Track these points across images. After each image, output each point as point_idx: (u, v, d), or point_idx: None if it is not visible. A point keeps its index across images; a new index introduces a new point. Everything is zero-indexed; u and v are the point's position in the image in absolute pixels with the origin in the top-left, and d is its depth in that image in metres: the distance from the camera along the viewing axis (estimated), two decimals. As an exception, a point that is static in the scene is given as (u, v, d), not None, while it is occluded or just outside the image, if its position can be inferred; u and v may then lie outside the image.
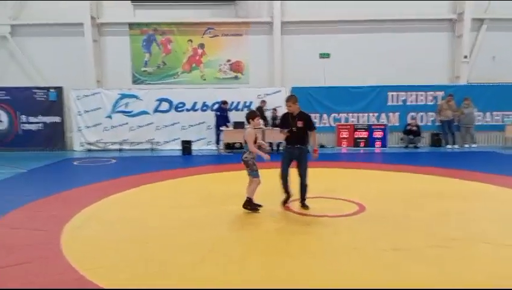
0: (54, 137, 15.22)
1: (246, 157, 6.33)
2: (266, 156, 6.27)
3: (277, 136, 13.31)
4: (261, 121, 6.51)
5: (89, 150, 14.92)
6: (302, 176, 6.42)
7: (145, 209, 6.81)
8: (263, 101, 14.37)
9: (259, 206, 6.41)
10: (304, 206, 6.49)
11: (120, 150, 14.88)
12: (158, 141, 15.12)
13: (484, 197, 7.40)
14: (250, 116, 6.48)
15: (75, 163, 12.13)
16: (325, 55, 15.56)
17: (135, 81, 16.06)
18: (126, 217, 6.35)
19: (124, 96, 15.07)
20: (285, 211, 6.48)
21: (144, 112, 15.09)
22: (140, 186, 8.45)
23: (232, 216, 6.24)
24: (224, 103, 14.37)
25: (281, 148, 14.01)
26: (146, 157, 13.47)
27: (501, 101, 14.84)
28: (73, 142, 15.22)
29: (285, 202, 6.68)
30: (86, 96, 14.96)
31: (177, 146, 14.45)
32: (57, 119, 15.22)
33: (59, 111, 15.23)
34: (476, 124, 14.78)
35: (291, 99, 6.49)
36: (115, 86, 15.47)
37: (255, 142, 6.31)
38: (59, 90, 15.20)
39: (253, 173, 6.34)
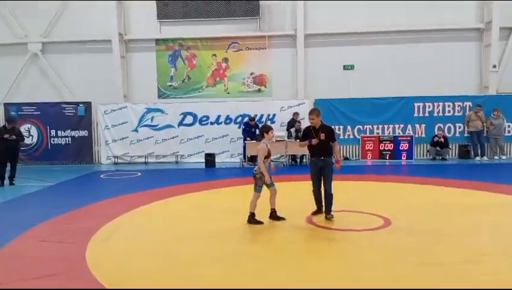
0: (82, 151, 15.59)
1: (255, 171, 6.40)
2: (267, 178, 6.29)
3: (299, 148, 13.31)
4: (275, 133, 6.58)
5: (116, 163, 15.21)
6: (327, 186, 6.47)
7: (171, 222, 6.86)
8: (296, 114, 14.29)
9: (260, 222, 6.39)
10: (328, 215, 6.42)
11: (145, 163, 15.10)
12: (182, 154, 15.28)
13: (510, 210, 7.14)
14: (265, 130, 6.51)
15: (102, 176, 12.37)
16: (349, 67, 15.48)
17: (161, 95, 16.34)
18: (151, 229, 6.42)
19: (149, 110, 15.34)
20: (308, 224, 6.41)
21: (169, 126, 15.31)
22: (165, 199, 8.53)
23: (255, 230, 6.22)
24: (252, 119, 14.42)
25: (304, 160, 13.96)
26: (171, 170, 13.61)
27: (532, 111, 14.38)
28: (101, 155, 15.55)
29: (314, 213, 6.71)
30: (113, 110, 15.31)
31: (201, 159, 14.54)
32: (85, 133, 15.59)
33: (87, 125, 15.61)
34: (506, 135, 14.33)
35: (314, 112, 6.57)
36: (141, 101, 15.79)
37: (268, 157, 6.32)
38: (87, 105, 15.59)
39: (256, 187, 6.38)
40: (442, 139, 14.42)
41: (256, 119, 14.51)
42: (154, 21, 15.90)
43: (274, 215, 6.57)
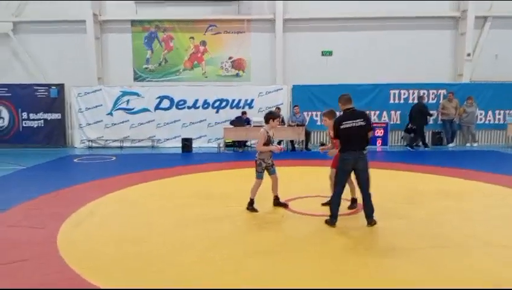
0: (55, 134, 15.22)
1: (255, 157, 6.37)
2: (277, 148, 6.34)
3: (280, 134, 13.36)
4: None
5: (90, 147, 14.92)
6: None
7: (145, 207, 6.80)
8: (278, 108, 14.28)
9: (255, 210, 6.38)
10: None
11: (121, 147, 14.87)
12: (159, 138, 15.11)
13: (484, 196, 7.34)
14: (270, 116, 6.34)
15: (75, 160, 12.13)
16: (327, 53, 15.51)
17: (136, 78, 16.04)
18: (125, 215, 6.35)
19: (125, 93, 15.05)
20: (286, 211, 6.46)
21: (145, 109, 15.08)
22: (140, 184, 8.44)
23: (232, 215, 6.21)
24: (244, 113, 14.38)
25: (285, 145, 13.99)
26: (146, 154, 13.45)
27: (503, 99, 14.72)
28: (74, 139, 15.23)
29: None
30: (87, 93, 14.96)
31: (178, 143, 14.40)
32: (57, 116, 15.20)
33: (60, 108, 15.21)
34: (478, 122, 14.69)
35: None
36: (116, 83, 15.47)
37: (267, 143, 6.26)
38: (60, 87, 15.17)
39: (257, 174, 6.34)
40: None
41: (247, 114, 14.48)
42: (130, 2, 15.51)
43: (277, 202, 6.59)
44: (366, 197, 5.56)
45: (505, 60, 15.30)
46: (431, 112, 14.36)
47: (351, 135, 5.48)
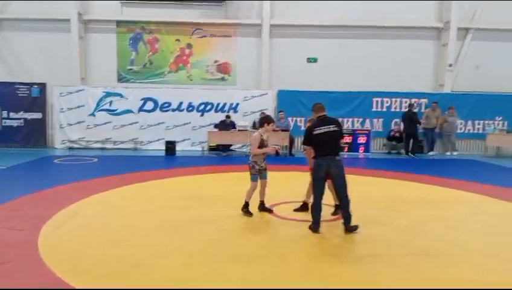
0: (35, 134, 14.94)
1: (249, 160, 6.40)
2: (272, 149, 6.39)
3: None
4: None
5: (71, 148, 14.67)
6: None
7: (128, 209, 6.72)
8: (263, 113, 14.28)
9: (250, 214, 6.38)
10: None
11: (102, 148, 14.68)
12: (142, 140, 14.95)
13: (464, 205, 7.49)
14: (266, 120, 6.40)
15: (56, 161, 11.92)
16: (312, 60, 15.64)
17: (120, 79, 15.89)
18: (108, 217, 6.27)
19: (108, 94, 14.88)
20: (271, 216, 6.47)
21: (128, 111, 14.92)
22: (122, 187, 8.33)
23: (216, 219, 6.18)
24: (228, 116, 14.37)
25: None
26: (129, 156, 13.31)
27: (483, 110, 15.08)
28: (55, 139, 14.94)
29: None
30: (70, 93, 14.72)
31: (161, 146, 14.27)
32: (39, 115, 14.94)
33: (41, 107, 14.95)
34: (458, 132, 15.00)
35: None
36: (100, 84, 15.28)
37: (261, 146, 6.29)
38: (42, 86, 14.92)
39: (252, 177, 6.36)
40: (398, 134, 14.91)
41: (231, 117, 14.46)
42: (116, 2, 15.40)
43: (262, 207, 6.59)
44: (344, 204, 5.60)
45: (485, 71, 15.68)
46: (421, 120, 14.61)
47: (323, 141, 5.58)
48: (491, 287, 4.04)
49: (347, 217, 5.57)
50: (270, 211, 6.58)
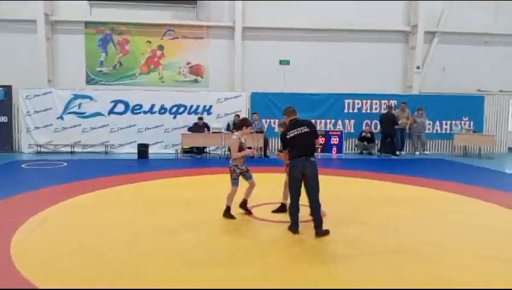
0: (1, 138, 14.38)
1: (229, 164, 6.34)
2: (251, 152, 6.39)
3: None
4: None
5: (38, 152, 14.19)
6: None
7: (101, 215, 6.54)
8: (237, 115, 14.29)
9: (233, 217, 6.32)
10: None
11: (72, 152, 14.27)
12: (113, 143, 14.62)
13: (435, 203, 7.66)
14: (244, 123, 6.37)
15: (23, 166, 11.48)
16: (285, 62, 15.73)
17: (89, 81, 15.52)
18: (80, 223, 6.07)
19: (77, 96, 14.48)
20: (250, 217, 6.44)
21: (98, 114, 14.54)
22: (95, 191, 8.11)
23: (193, 223, 6.10)
24: (200, 118, 14.23)
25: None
26: (100, 160, 12.98)
27: (450, 110, 15.54)
28: (22, 143, 14.41)
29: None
30: (37, 95, 14.24)
31: (133, 149, 14.00)
32: (4, 119, 14.40)
33: (7, 111, 14.42)
34: (426, 132, 15.41)
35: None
36: (68, 86, 14.88)
37: (240, 150, 6.25)
38: (7, 89, 14.40)
39: (232, 181, 6.30)
40: (369, 135, 15.18)
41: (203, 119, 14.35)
42: (84, 2, 15.06)
43: (243, 205, 6.51)
44: (315, 206, 5.60)
45: (451, 73, 16.21)
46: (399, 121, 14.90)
47: (296, 143, 5.65)
48: (468, 286, 4.14)
49: (318, 221, 5.60)
50: (249, 212, 6.55)
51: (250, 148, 13.29)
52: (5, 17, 14.59)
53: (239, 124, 6.48)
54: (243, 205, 6.55)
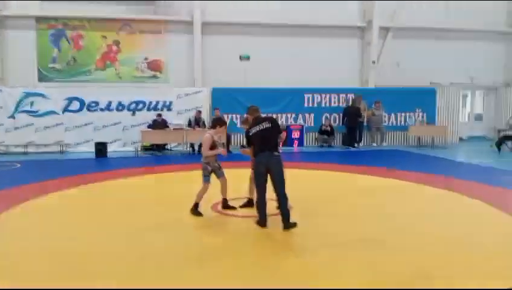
0: None
1: (201, 161, 6.30)
2: (223, 151, 6.34)
3: (198, 137, 13.28)
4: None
5: (-12, 154, 13.47)
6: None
7: (64, 218, 6.31)
8: (199, 111, 14.14)
9: (200, 214, 6.25)
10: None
11: (25, 153, 13.62)
12: (68, 142, 14.07)
13: (397, 192, 7.94)
14: (218, 123, 6.36)
15: (-28, 168, 10.87)
16: (245, 57, 15.70)
17: (42, 78, 14.89)
18: (42, 227, 5.82)
19: (28, 94, 13.81)
20: (216, 213, 6.41)
21: (52, 112, 13.93)
22: (54, 193, 7.78)
23: (161, 222, 6.00)
24: (159, 115, 13.93)
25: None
26: (56, 160, 12.48)
27: (404, 103, 16.09)
28: (-30, 144, 13.64)
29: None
30: (-15, 94, 13.50)
31: (90, 148, 13.49)
32: (-52, 119, 13.54)
33: (-49, 110, 13.57)
34: (383, 124, 15.91)
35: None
36: (19, 84, 14.16)
37: (213, 147, 6.21)
38: (-49, 87, 13.56)
39: (204, 178, 6.26)
40: (328, 128, 15.48)
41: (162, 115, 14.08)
42: (35, -4, 14.40)
43: (225, 204, 6.51)
44: (282, 200, 5.65)
45: (405, 67, 16.78)
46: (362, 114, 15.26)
47: (258, 139, 5.76)
48: (436, 271, 4.32)
49: (285, 215, 5.66)
50: (233, 208, 6.54)
51: (192, 144, 13.45)
52: None
53: (213, 123, 6.50)
54: (225, 204, 6.55)
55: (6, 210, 6.53)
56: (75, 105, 14.11)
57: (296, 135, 15.26)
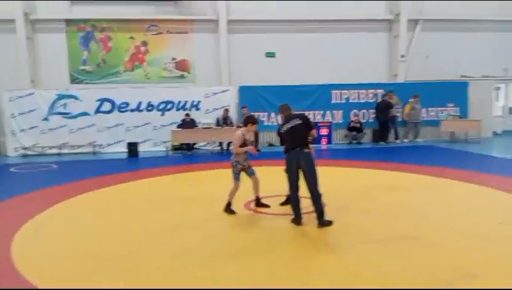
0: (-16, 142, 14.03)
1: (231, 159, 6.32)
2: (253, 149, 6.30)
3: (226, 136, 13.35)
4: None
5: (25, 155, 13.87)
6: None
7: (100, 216, 6.44)
8: (226, 110, 14.20)
9: (233, 212, 6.29)
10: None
11: (59, 154, 13.99)
12: (101, 143, 14.38)
13: (432, 189, 7.74)
14: (250, 121, 6.35)
15: (11, 169, 11.22)
16: (270, 54, 15.68)
17: (73, 80, 15.23)
18: (79, 226, 5.98)
19: (61, 96, 14.18)
20: (252, 212, 6.42)
21: (84, 113, 14.28)
22: (89, 192, 7.98)
23: (197, 221, 6.06)
24: (187, 114, 14.03)
25: (231, 147, 13.94)
26: (90, 161, 12.77)
27: (435, 97, 15.70)
28: (7, 147, 14.06)
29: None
30: (20, 97, 13.89)
31: (122, 148, 13.79)
32: (-13, 122, 14.05)
33: (-11, 114, 14.06)
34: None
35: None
36: (51, 86, 14.54)
37: (243, 145, 6.22)
38: (-11, 91, 14.03)
39: (234, 176, 6.29)
40: (357, 125, 15.28)
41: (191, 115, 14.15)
42: (64, 0, 14.70)
43: (258, 203, 6.55)
44: (315, 197, 5.62)
45: (434, 61, 16.37)
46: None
47: (289, 136, 5.78)
48: (477, 269, 4.21)
49: (320, 212, 5.62)
50: (267, 206, 6.55)
51: (221, 144, 13.49)
52: (-18, 17, 14.18)
53: (245, 121, 6.47)
54: (258, 202, 6.57)
55: (46, 209, 6.74)
56: (107, 106, 14.41)
57: (324, 131, 15.13)
